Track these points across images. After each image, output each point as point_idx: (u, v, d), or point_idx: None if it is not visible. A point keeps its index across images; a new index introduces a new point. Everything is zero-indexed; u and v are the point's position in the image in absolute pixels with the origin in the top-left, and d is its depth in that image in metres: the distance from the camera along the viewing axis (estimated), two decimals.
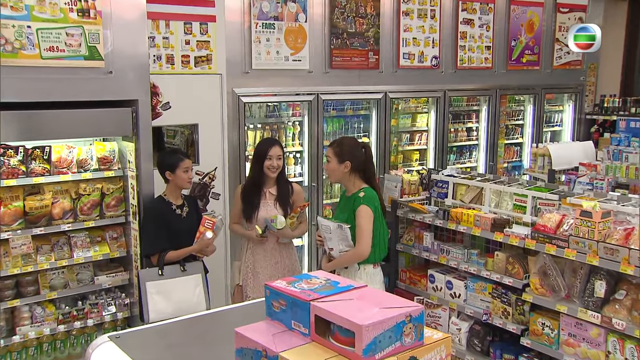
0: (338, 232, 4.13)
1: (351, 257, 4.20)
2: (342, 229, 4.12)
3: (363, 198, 4.17)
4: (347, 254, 4.19)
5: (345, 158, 4.23)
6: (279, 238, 4.60)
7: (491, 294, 4.44)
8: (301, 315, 1.63)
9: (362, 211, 4.15)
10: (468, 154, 8.22)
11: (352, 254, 4.18)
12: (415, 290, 5.06)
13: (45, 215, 4.46)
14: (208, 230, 4.40)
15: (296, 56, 6.17)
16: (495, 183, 4.82)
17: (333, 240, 4.18)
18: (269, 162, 4.55)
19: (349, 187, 4.32)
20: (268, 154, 4.55)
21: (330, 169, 4.32)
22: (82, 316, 4.67)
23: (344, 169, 4.24)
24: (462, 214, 4.62)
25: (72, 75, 4.18)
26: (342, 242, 4.16)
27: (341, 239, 4.15)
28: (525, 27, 8.22)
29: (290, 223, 4.51)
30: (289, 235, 4.59)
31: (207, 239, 4.39)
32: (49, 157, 4.43)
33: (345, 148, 4.26)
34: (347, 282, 1.80)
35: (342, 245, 4.16)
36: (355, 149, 4.28)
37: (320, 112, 6.42)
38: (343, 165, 4.23)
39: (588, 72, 9.33)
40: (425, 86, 7.30)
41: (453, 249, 4.76)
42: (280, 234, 4.54)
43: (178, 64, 5.23)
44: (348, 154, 4.23)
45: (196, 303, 4.36)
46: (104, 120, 4.42)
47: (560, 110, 9.31)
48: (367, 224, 4.15)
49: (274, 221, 4.48)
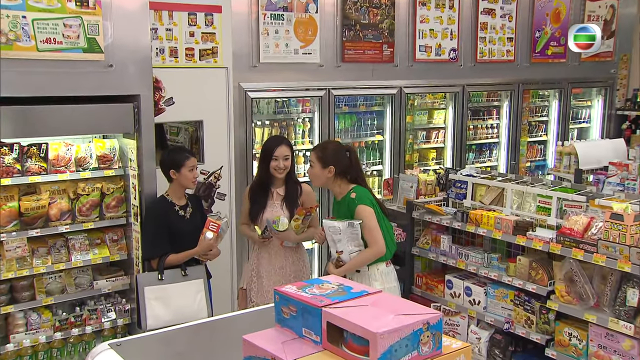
0: (348, 231, 4.11)
1: (368, 257, 4.18)
2: (354, 227, 4.10)
3: (357, 198, 4.20)
4: (363, 253, 4.16)
5: (328, 163, 4.26)
6: (283, 241, 4.59)
7: (513, 301, 4.42)
8: (312, 322, 1.62)
9: (363, 211, 4.16)
10: (488, 153, 8.20)
11: (369, 253, 4.16)
12: (432, 296, 5.05)
13: (42, 216, 4.47)
14: (207, 231, 4.39)
15: (306, 49, 6.17)
16: (517, 183, 4.80)
17: (342, 242, 4.16)
18: (275, 163, 4.54)
19: (336, 191, 4.36)
20: (274, 154, 4.54)
21: (313, 174, 4.37)
22: (80, 323, 4.68)
23: (327, 174, 4.27)
24: (482, 216, 4.60)
25: (70, 68, 4.19)
26: (351, 242, 4.14)
27: (351, 238, 4.13)
28: (550, 17, 8.17)
29: (295, 226, 4.45)
30: (292, 238, 4.56)
31: (208, 239, 4.38)
32: (46, 155, 4.45)
33: (328, 152, 4.30)
34: (361, 287, 1.80)
35: (352, 245, 4.15)
36: (339, 153, 4.31)
37: (331, 108, 6.42)
38: (327, 170, 4.27)
39: (620, 64, 9.23)
40: (442, 81, 7.28)
41: (472, 253, 4.75)
42: (283, 236, 4.51)
43: (182, 57, 5.24)
44: (332, 158, 4.27)
45: (197, 310, 4.36)
46: (104, 116, 4.43)
47: (589, 106, 9.26)
48: (373, 221, 4.17)
49: (276, 222, 4.45)
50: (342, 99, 6.64)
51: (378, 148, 7.11)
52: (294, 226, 4.46)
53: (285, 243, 4.58)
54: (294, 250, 4.67)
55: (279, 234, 4.48)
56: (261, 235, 4.50)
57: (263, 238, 4.52)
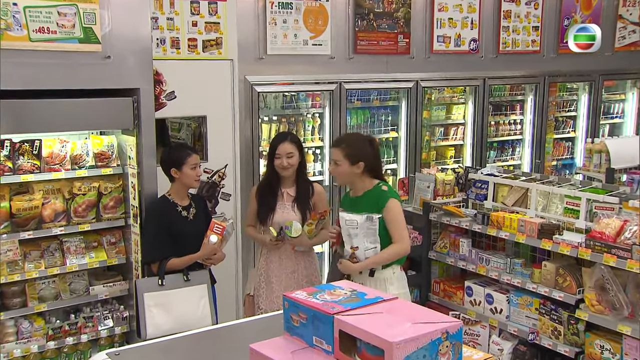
0: (366, 225, 4.07)
1: (393, 254, 4.15)
2: (372, 221, 4.06)
3: (389, 191, 4.19)
4: (387, 251, 4.13)
5: (358, 158, 4.20)
6: (295, 246, 4.60)
7: (538, 310, 4.41)
8: (324, 330, 1.62)
9: (394, 205, 4.15)
10: (511, 151, 8.17)
11: (395, 250, 4.13)
12: (450, 304, 5.04)
13: (35, 217, 4.49)
14: (212, 234, 4.39)
15: (316, 40, 6.17)
16: (542, 183, 4.78)
17: (359, 237, 4.12)
18: (277, 161, 4.55)
19: (358, 187, 4.31)
20: (276, 151, 4.56)
21: (340, 172, 4.27)
22: (75, 331, 4.69)
23: (356, 170, 4.22)
24: (504, 219, 4.59)
25: (65, 60, 4.20)
26: (368, 238, 4.10)
27: (368, 234, 4.09)
28: (580, 3, 8.11)
29: (308, 230, 4.47)
30: (306, 243, 4.58)
31: (212, 243, 4.38)
32: (39, 152, 4.47)
33: (356, 147, 4.23)
34: (376, 293, 1.79)
35: (367, 241, 4.11)
36: (365, 147, 4.27)
37: (343, 103, 6.41)
38: (356, 166, 4.21)
39: None
40: (462, 73, 7.26)
41: (494, 258, 4.74)
42: (296, 242, 4.52)
43: (184, 49, 5.25)
44: (360, 153, 4.22)
45: (200, 317, 4.36)
46: (102, 111, 4.44)
47: (622, 100, 9.18)
48: (401, 217, 4.17)
49: (289, 228, 4.47)
50: (355, 93, 6.63)
51: (393, 145, 7.10)
52: (307, 231, 4.46)
53: (297, 247, 4.60)
54: (306, 254, 4.70)
55: (292, 240, 4.50)
56: (275, 238, 4.51)
57: (276, 241, 4.52)
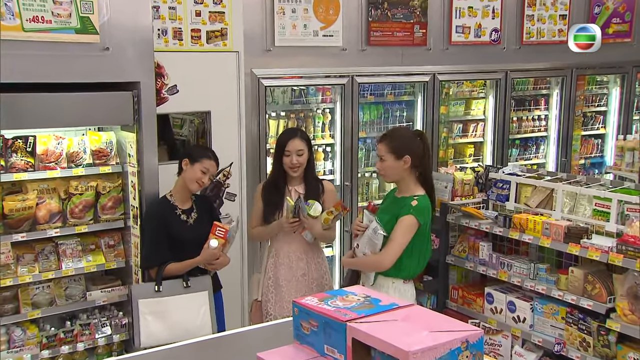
0: (371, 233, 4.17)
1: (369, 264, 4.26)
2: (376, 234, 4.13)
3: (414, 208, 4.16)
4: (367, 259, 4.25)
5: (403, 152, 4.20)
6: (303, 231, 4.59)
7: (565, 320, 4.39)
8: (336, 339, 1.62)
9: (406, 222, 4.14)
10: (534, 148, 8.15)
11: (373, 260, 4.22)
12: (470, 311, 5.03)
13: (28, 218, 4.50)
14: (215, 238, 4.38)
15: (327, 30, 6.17)
16: (569, 183, 4.76)
17: (363, 238, 4.24)
18: (287, 159, 4.57)
19: (403, 188, 4.32)
20: (286, 148, 4.58)
21: (386, 167, 4.29)
22: (71, 339, 4.70)
23: (403, 165, 4.23)
24: (528, 221, 4.58)
25: (61, 51, 4.20)
26: (368, 245, 4.20)
27: (369, 242, 4.19)
28: None
29: (324, 219, 4.53)
30: (317, 231, 4.57)
31: (212, 248, 4.37)
32: (33, 149, 4.48)
33: (401, 140, 4.25)
34: (391, 299, 1.79)
35: (367, 248, 4.23)
36: (412, 140, 4.29)
37: (355, 98, 6.41)
38: (402, 161, 4.21)
39: None
40: (482, 66, 7.25)
41: (516, 263, 4.72)
42: (311, 223, 4.53)
43: (187, 40, 5.25)
44: (406, 147, 4.22)
45: (199, 326, 4.36)
46: (100, 105, 4.45)
47: None
48: (404, 236, 4.15)
49: (310, 205, 4.52)
50: (368, 87, 6.63)
51: None
52: (324, 219, 4.52)
53: (304, 234, 4.61)
54: (315, 256, 4.71)
55: (307, 220, 4.51)
56: (292, 212, 4.51)
57: (292, 220, 4.52)
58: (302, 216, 4.53)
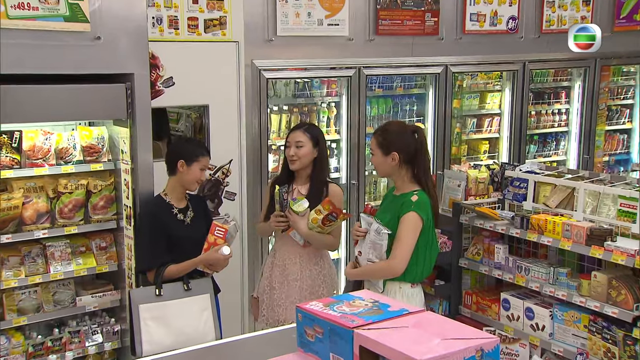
0: (373, 236, 4.16)
1: (380, 270, 4.22)
2: (379, 235, 4.12)
3: (415, 203, 4.17)
4: (376, 265, 4.21)
5: (390, 149, 4.24)
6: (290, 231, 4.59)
7: (588, 328, 4.38)
8: (342, 347, 1.62)
9: (409, 219, 4.14)
10: (554, 145, 8.14)
11: (383, 267, 4.19)
12: (484, 318, 5.03)
13: (14, 218, 4.51)
14: (224, 244, 4.38)
15: (332, 19, 6.16)
16: (592, 182, 4.76)
17: (365, 243, 4.22)
18: (287, 151, 4.64)
19: (399, 185, 4.34)
20: (287, 139, 4.68)
21: (374, 163, 4.41)
22: (59, 348, 4.71)
23: (391, 162, 4.25)
24: (547, 222, 4.57)
25: (49, 40, 4.21)
26: (372, 250, 4.18)
27: (373, 246, 4.17)
28: None
29: (312, 219, 4.46)
30: (302, 230, 4.52)
31: (223, 255, 4.37)
32: (19, 145, 4.49)
33: (390, 136, 4.28)
34: (400, 305, 1.79)
35: (371, 254, 4.19)
36: (403, 136, 4.29)
37: (362, 91, 6.41)
38: (389, 157, 4.24)
39: None
40: (498, 56, 7.24)
41: (534, 267, 4.72)
42: (294, 220, 4.52)
43: (183, 29, 5.26)
44: (394, 143, 4.24)
45: (202, 332, 4.38)
46: (90, 98, 4.45)
47: None
48: (410, 235, 4.14)
49: (296, 200, 4.51)
50: (376, 79, 6.63)
51: None
52: (312, 219, 4.47)
53: (292, 234, 4.61)
54: (312, 262, 4.69)
55: (291, 215, 4.51)
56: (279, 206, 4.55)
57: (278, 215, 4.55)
58: (287, 212, 4.54)
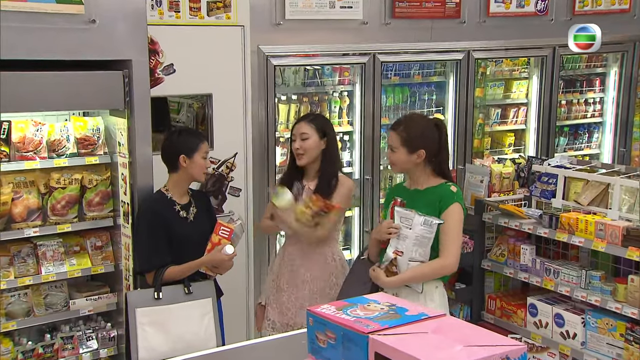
0: (421, 230, 4.05)
1: (432, 272, 4.15)
2: (430, 226, 4.03)
3: (456, 194, 4.17)
4: (425, 267, 4.11)
5: (417, 146, 4.17)
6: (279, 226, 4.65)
7: (624, 337, 4.38)
8: (356, 353, 1.63)
9: (455, 211, 4.13)
10: (586, 137, 8.13)
11: (436, 267, 4.12)
12: (509, 325, 5.03)
13: (3, 216, 4.53)
14: (227, 243, 4.39)
15: (345, 1, 6.15)
16: (628, 177, 4.74)
17: (408, 241, 4.10)
18: (293, 145, 4.67)
19: (421, 180, 4.28)
20: (292, 132, 4.72)
21: (396, 160, 4.29)
22: (51, 354, 4.73)
23: (416, 160, 4.21)
24: (578, 221, 4.57)
25: (40, 23, 4.21)
26: (418, 247, 4.08)
27: (420, 242, 4.07)
28: None
29: (299, 211, 4.43)
30: (288, 223, 4.51)
31: (227, 255, 4.38)
32: (8, 136, 4.50)
33: (415, 131, 4.21)
34: (419, 309, 1.79)
35: (416, 252, 4.09)
36: (428, 131, 4.25)
37: (377, 79, 6.40)
38: (415, 155, 4.19)
39: None
40: (525, 41, 7.21)
41: (564, 270, 4.71)
42: (278, 214, 4.54)
43: (185, 12, 5.26)
44: (421, 139, 4.19)
45: (203, 339, 4.40)
46: (85, 86, 4.46)
47: None
48: (459, 228, 4.15)
49: (276, 191, 4.52)
50: (392, 66, 6.63)
51: None
52: (299, 211, 4.43)
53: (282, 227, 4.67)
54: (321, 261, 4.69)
55: (274, 209, 4.55)
56: None
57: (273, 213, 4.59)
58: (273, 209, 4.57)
